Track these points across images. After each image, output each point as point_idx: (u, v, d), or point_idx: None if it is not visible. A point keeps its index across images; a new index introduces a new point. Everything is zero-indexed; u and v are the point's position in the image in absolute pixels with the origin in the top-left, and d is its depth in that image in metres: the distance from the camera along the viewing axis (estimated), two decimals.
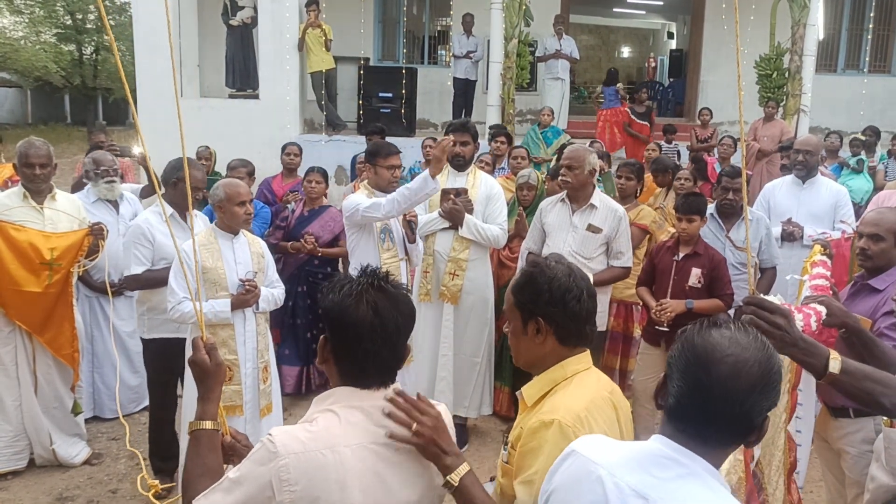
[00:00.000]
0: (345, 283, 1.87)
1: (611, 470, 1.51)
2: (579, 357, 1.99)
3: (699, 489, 1.44)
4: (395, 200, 4.28)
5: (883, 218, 3.34)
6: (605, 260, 4.74)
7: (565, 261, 2.06)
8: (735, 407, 1.44)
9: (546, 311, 1.94)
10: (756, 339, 1.49)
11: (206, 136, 8.87)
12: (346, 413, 1.80)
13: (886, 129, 11.70)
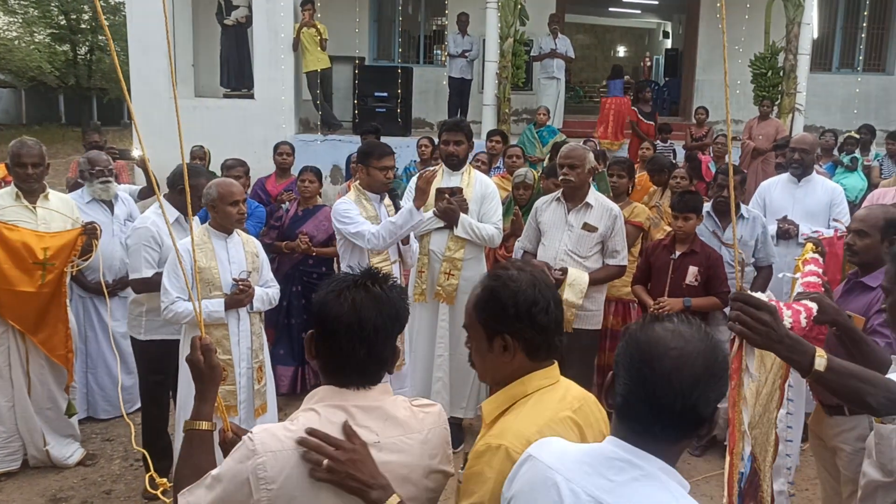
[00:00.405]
0: (337, 279, 1.87)
1: (566, 475, 1.51)
2: (545, 371, 1.87)
3: (656, 491, 1.43)
4: (381, 236, 4.29)
5: (869, 214, 3.37)
6: (601, 258, 4.73)
7: (528, 268, 1.94)
8: (681, 400, 1.42)
9: (513, 327, 1.82)
10: (699, 331, 1.49)
11: (201, 136, 8.86)
12: (328, 412, 1.79)
13: (881, 128, 11.72)
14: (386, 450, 1.79)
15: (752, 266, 5.08)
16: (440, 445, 1.89)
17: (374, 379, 1.84)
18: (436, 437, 1.88)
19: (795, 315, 2.26)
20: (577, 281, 4.56)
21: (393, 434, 1.81)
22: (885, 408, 1.98)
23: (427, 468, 1.85)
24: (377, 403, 1.82)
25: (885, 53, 14.35)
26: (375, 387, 1.84)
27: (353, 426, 1.77)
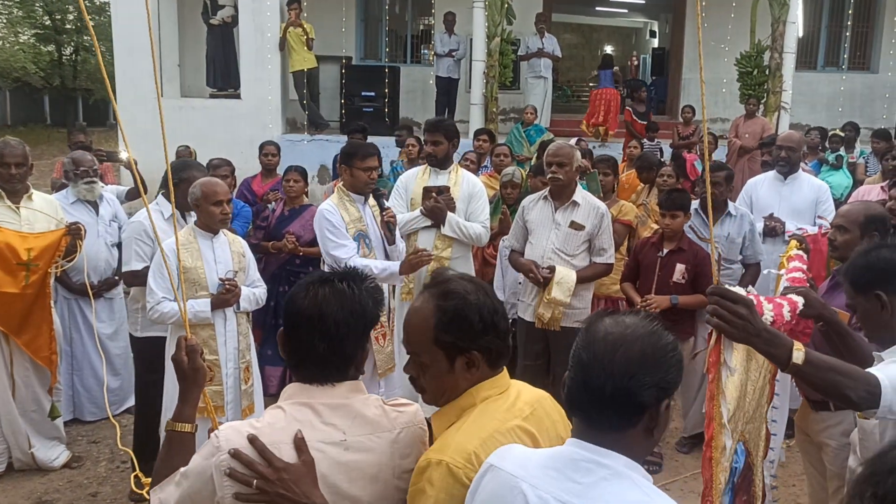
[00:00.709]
0: (309, 276, 1.89)
1: (532, 482, 1.49)
2: (493, 381, 1.80)
3: (627, 489, 1.42)
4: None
5: (850, 210, 3.41)
6: (588, 257, 4.74)
7: (465, 275, 1.88)
8: (612, 382, 1.43)
9: (481, 342, 1.76)
10: (645, 322, 1.50)
11: (188, 137, 8.84)
12: (293, 410, 1.79)
13: (866, 126, 11.80)
14: (353, 449, 1.78)
15: (741, 263, 5.09)
16: (413, 445, 1.87)
17: (338, 376, 1.82)
18: (409, 436, 1.86)
19: (777, 309, 2.27)
20: (565, 279, 4.56)
21: (360, 433, 1.79)
22: (865, 401, 1.99)
23: (398, 468, 1.83)
24: (344, 401, 1.81)
25: (870, 52, 14.44)
26: (343, 384, 1.83)
27: (319, 424, 1.76)
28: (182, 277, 3.85)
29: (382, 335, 4.42)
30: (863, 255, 2.40)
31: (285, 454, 1.72)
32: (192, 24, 12.70)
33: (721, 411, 2.03)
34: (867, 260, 2.36)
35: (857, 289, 2.37)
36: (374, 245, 4.47)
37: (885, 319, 2.29)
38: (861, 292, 2.35)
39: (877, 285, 2.30)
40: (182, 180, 4.29)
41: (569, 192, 4.69)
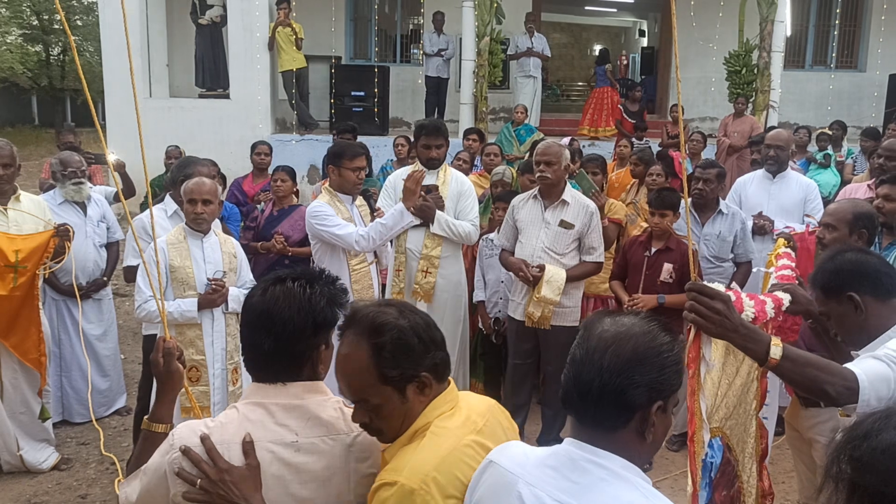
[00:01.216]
0: (268, 276, 1.91)
1: (529, 480, 1.50)
2: (444, 396, 1.75)
3: (625, 490, 1.43)
4: (371, 238, 4.25)
5: (838, 208, 3.43)
6: (578, 255, 4.75)
7: (373, 301, 1.87)
8: (601, 379, 1.44)
9: (426, 362, 1.72)
10: (643, 321, 1.51)
11: (177, 137, 8.81)
12: (247, 409, 1.79)
13: (853, 124, 11.87)
14: (304, 450, 1.77)
15: (732, 262, 5.11)
16: (374, 449, 1.84)
17: (289, 375, 1.82)
18: (368, 440, 1.83)
19: (760, 305, 2.28)
20: (555, 278, 4.57)
21: (314, 434, 1.78)
22: (843, 396, 2.01)
23: (355, 472, 1.81)
24: (299, 402, 1.80)
25: (857, 50, 14.53)
26: (297, 384, 1.82)
27: (272, 424, 1.76)
28: (170, 276, 3.87)
29: None
30: (829, 260, 2.42)
31: (234, 454, 1.72)
32: (181, 24, 12.66)
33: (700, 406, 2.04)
34: (834, 264, 2.38)
35: (828, 294, 2.38)
36: None
37: (860, 320, 2.32)
38: (833, 297, 2.36)
39: (848, 287, 2.32)
40: (188, 177, 4.29)
41: (558, 190, 4.70)
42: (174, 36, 12.83)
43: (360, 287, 4.36)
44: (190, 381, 3.85)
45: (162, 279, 3.86)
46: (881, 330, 2.28)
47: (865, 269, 2.33)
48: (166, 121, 11.45)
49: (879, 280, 2.32)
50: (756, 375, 2.42)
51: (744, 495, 2.43)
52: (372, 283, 4.42)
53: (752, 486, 2.46)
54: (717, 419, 2.26)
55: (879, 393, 2.03)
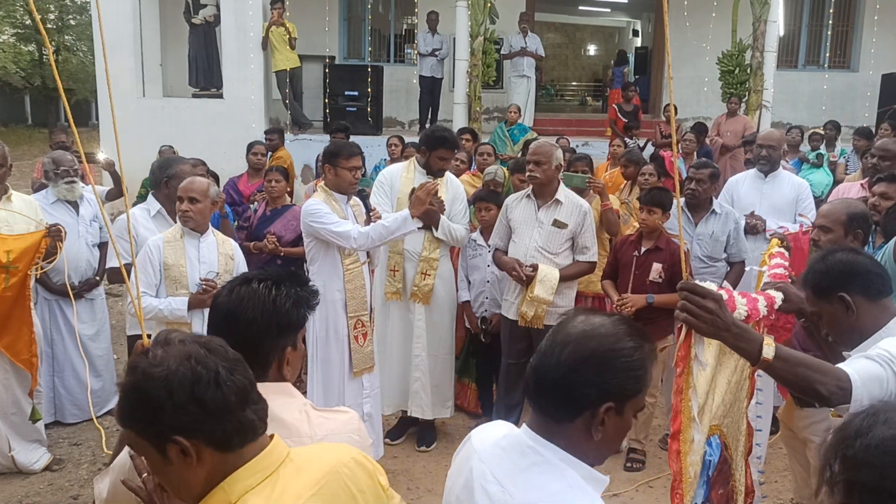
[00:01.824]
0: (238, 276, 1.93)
1: (482, 457, 1.58)
2: (254, 464, 1.43)
3: (551, 479, 1.47)
4: (370, 237, 4.23)
5: (832, 210, 3.42)
6: (571, 255, 4.76)
7: (179, 336, 1.48)
8: (556, 373, 1.48)
9: (181, 423, 1.37)
10: (613, 324, 1.52)
11: (170, 136, 8.79)
12: None
13: (846, 124, 11.90)
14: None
15: (725, 262, 5.12)
16: None
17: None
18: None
19: (752, 304, 2.29)
20: (548, 277, 4.57)
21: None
22: (836, 397, 2.01)
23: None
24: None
25: (850, 50, 14.58)
26: (264, 384, 1.75)
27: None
28: (164, 274, 3.87)
29: (363, 335, 4.41)
30: (819, 261, 2.42)
31: None
32: (174, 24, 12.63)
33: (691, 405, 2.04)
34: (825, 265, 2.38)
35: (819, 295, 2.38)
36: None
37: (852, 321, 2.31)
38: (824, 297, 2.36)
39: (838, 287, 2.32)
40: (171, 178, 4.28)
41: (551, 190, 4.70)
42: (167, 35, 12.80)
43: (353, 287, 4.35)
44: None
45: (155, 277, 3.87)
46: (872, 330, 2.28)
47: (856, 269, 2.33)
48: (160, 120, 11.43)
49: (870, 280, 2.32)
50: (747, 373, 2.42)
51: (736, 493, 2.44)
52: (364, 282, 4.42)
53: (741, 485, 2.46)
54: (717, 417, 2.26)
55: (872, 393, 2.03)
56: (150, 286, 3.85)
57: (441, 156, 4.85)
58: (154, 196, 4.56)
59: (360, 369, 4.43)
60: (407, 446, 5.11)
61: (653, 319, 4.63)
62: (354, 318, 4.37)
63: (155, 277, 3.89)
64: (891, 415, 1.33)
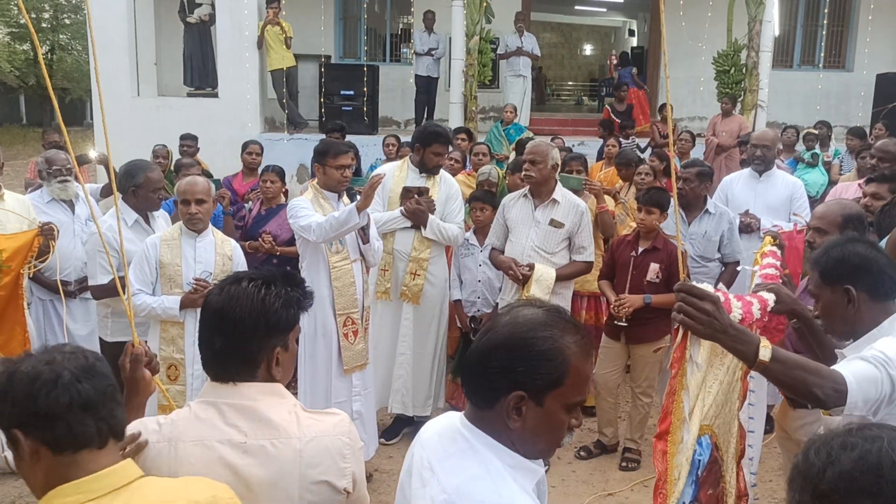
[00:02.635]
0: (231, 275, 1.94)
1: (423, 442, 1.63)
2: (82, 484, 1.43)
3: (472, 464, 1.49)
4: (324, 227, 4.21)
5: (827, 211, 3.41)
6: (568, 255, 4.76)
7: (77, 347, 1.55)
8: (474, 356, 1.51)
9: (19, 419, 1.44)
10: (543, 314, 1.51)
11: (165, 136, 8.75)
12: (199, 408, 1.81)
13: (841, 124, 11.92)
14: (251, 452, 1.76)
15: (718, 262, 5.12)
16: (327, 456, 1.82)
17: (241, 375, 1.81)
18: (321, 446, 1.81)
19: (747, 307, 2.28)
20: (544, 277, 4.57)
21: (262, 436, 1.78)
22: (831, 399, 2.00)
23: (304, 478, 1.79)
24: (251, 403, 1.79)
25: (845, 50, 14.60)
26: (251, 385, 1.81)
27: (222, 424, 1.78)
28: (159, 273, 3.89)
29: (353, 332, 4.41)
30: (838, 246, 2.36)
31: (182, 452, 1.74)
32: (169, 23, 12.60)
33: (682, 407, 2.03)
34: (843, 252, 2.32)
35: (826, 279, 2.34)
36: (347, 243, 4.44)
37: (849, 314, 2.28)
38: (829, 284, 2.32)
39: (847, 279, 2.28)
40: (139, 186, 4.26)
41: (548, 189, 4.70)
42: (162, 34, 12.77)
43: (341, 284, 4.36)
44: (168, 380, 3.85)
45: (151, 275, 3.87)
46: (866, 328, 2.26)
47: (870, 266, 2.29)
48: (154, 120, 11.40)
49: (881, 280, 2.28)
50: (740, 375, 2.42)
51: (726, 495, 2.43)
52: (354, 280, 4.40)
53: (732, 487, 2.46)
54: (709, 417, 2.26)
55: (867, 395, 2.02)
56: (147, 284, 3.86)
57: (436, 151, 4.86)
58: (126, 202, 4.47)
59: (351, 367, 4.43)
60: (402, 446, 5.11)
61: (650, 320, 4.64)
62: (343, 315, 4.37)
63: (151, 275, 3.89)
64: (842, 438, 1.30)
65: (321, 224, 4.22)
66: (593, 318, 5.59)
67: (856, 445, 1.27)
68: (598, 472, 4.83)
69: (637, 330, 4.70)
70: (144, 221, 4.40)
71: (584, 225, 4.73)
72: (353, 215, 4.15)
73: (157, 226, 4.45)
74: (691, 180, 5.02)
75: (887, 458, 1.24)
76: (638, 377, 4.89)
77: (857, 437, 1.29)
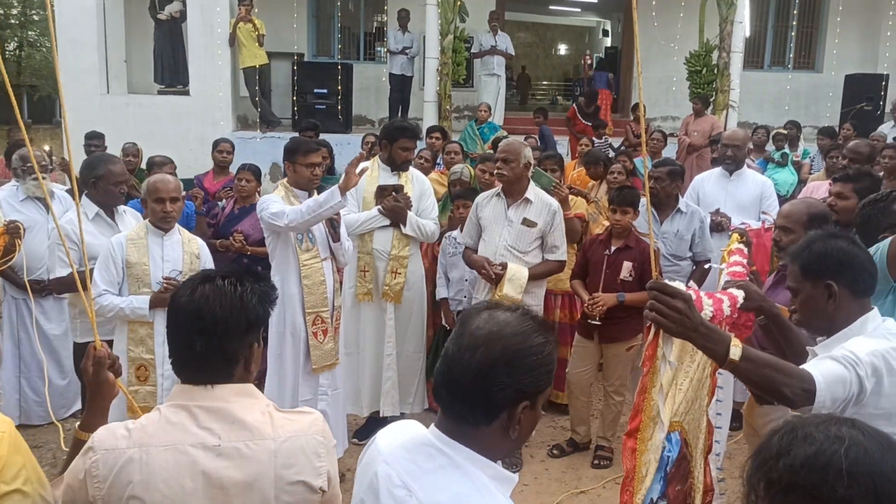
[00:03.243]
0: (195, 275, 1.90)
1: (387, 458, 1.55)
2: None
3: (458, 480, 1.45)
4: (301, 212, 4.17)
5: (793, 210, 3.45)
6: (541, 254, 4.76)
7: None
8: (470, 377, 1.44)
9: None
10: (517, 321, 1.50)
11: (135, 134, 8.65)
12: (169, 412, 1.77)
13: (810, 124, 12.08)
14: (226, 455, 1.75)
15: (690, 260, 5.16)
16: (302, 455, 1.81)
17: (219, 377, 1.79)
18: (296, 446, 1.80)
19: (717, 304, 2.30)
20: (517, 276, 4.57)
21: (236, 438, 1.76)
22: (800, 398, 2.01)
23: (280, 478, 1.78)
24: (224, 405, 1.78)
25: (815, 51, 14.80)
26: (225, 386, 1.79)
27: (194, 427, 1.75)
28: (126, 272, 3.82)
29: (323, 331, 4.39)
30: (820, 241, 2.34)
31: (154, 457, 1.71)
32: (139, 19, 12.46)
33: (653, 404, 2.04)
34: (825, 247, 2.30)
35: (806, 274, 2.31)
36: (318, 241, 4.42)
37: (828, 310, 2.27)
38: (810, 278, 2.30)
39: (829, 275, 2.26)
40: (100, 178, 4.21)
41: (520, 188, 4.70)
42: (132, 31, 12.62)
43: (311, 283, 4.33)
44: (138, 381, 3.80)
45: (118, 275, 3.81)
46: (842, 324, 2.26)
47: (853, 262, 2.28)
48: (124, 117, 11.26)
49: (861, 277, 2.29)
50: (709, 371, 2.44)
51: (694, 491, 2.45)
52: (324, 279, 4.38)
53: (699, 482, 2.48)
54: (679, 414, 2.27)
55: (835, 395, 2.03)
56: (113, 284, 3.79)
57: (403, 146, 4.85)
58: (88, 197, 4.40)
59: (320, 366, 4.41)
60: None
61: (623, 319, 4.66)
62: (313, 314, 4.35)
63: (117, 275, 3.82)
64: (809, 430, 1.28)
65: (296, 209, 4.19)
66: (567, 316, 5.59)
67: (815, 441, 1.25)
68: (570, 470, 4.84)
69: (610, 329, 4.72)
70: (107, 215, 4.32)
71: (557, 224, 4.74)
72: (336, 195, 4.11)
73: (124, 222, 4.38)
74: (662, 179, 5.06)
75: (836, 464, 1.21)
76: (610, 376, 4.91)
77: (822, 432, 1.27)
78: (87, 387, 2.00)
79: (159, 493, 1.70)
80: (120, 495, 1.69)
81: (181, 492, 1.71)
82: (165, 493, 1.70)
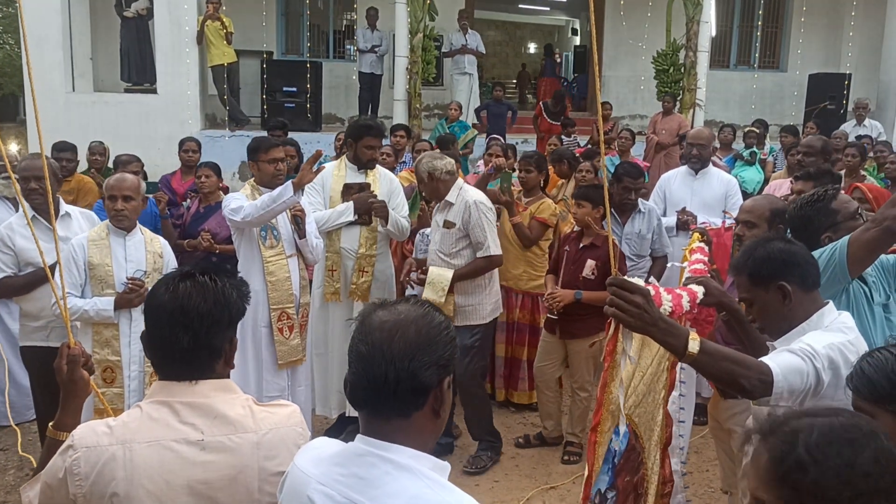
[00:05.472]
0: (170, 273, 1.90)
1: (320, 479, 1.49)
2: None
3: (411, 482, 1.42)
4: (256, 206, 4.18)
5: (756, 205, 3.50)
6: (473, 254, 4.65)
7: None
8: (394, 368, 1.43)
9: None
10: (415, 306, 1.52)
11: (102, 133, 8.57)
12: (150, 408, 1.77)
13: (775, 123, 12.26)
14: (209, 449, 1.76)
15: (649, 257, 5.24)
16: (283, 447, 1.83)
17: (203, 372, 1.81)
18: (277, 438, 1.83)
19: (677, 299, 2.34)
20: (436, 279, 4.54)
21: (220, 433, 1.77)
22: (758, 390, 2.07)
23: (263, 470, 1.80)
24: (205, 400, 1.79)
25: (779, 51, 15.03)
26: (207, 382, 1.81)
27: (176, 423, 1.75)
28: (89, 274, 3.77)
29: (289, 327, 4.39)
30: (759, 247, 2.39)
31: (137, 454, 1.71)
32: (106, 16, 12.30)
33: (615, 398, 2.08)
34: (766, 252, 2.35)
35: (756, 282, 2.35)
36: (283, 238, 4.41)
37: (786, 310, 2.31)
38: (761, 285, 2.34)
39: (779, 276, 2.31)
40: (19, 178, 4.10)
41: (441, 195, 4.67)
42: (98, 28, 12.45)
43: (275, 279, 4.34)
44: (104, 383, 3.75)
45: (80, 277, 3.76)
46: (800, 320, 2.31)
47: (796, 259, 2.33)
48: (90, 116, 11.12)
49: (808, 271, 2.33)
50: (666, 366, 2.48)
51: (647, 482, 2.49)
52: (289, 275, 4.39)
53: (654, 473, 2.52)
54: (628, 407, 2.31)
55: (793, 386, 2.08)
56: (75, 286, 3.73)
57: (368, 144, 4.84)
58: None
59: (286, 362, 4.41)
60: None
61: (582, 316, 4.68)
62: (278, 309, 4.35)
63: (80, 277, 3.77)
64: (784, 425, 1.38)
65: (252, 203, 4.20)
66: (527, 316, 5.59)
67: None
68: (540, 466, 4.88)
69: (570, 325, 4.77)
70: (43, 218, 4.06)
71: (475, 219, 4.55)
72: (289, 189, 4.11)
73: (69, 226, 4.21)
74: (640, 190, 5.20)
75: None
76: (574, 372, 4.96)
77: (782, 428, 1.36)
78: (61, 386, 1.99)
79: (143, 489, 1.70)
80: (102, 493, 1.68)
81: (166, 487, 1.71)
82: (150, 489, 1.70)
